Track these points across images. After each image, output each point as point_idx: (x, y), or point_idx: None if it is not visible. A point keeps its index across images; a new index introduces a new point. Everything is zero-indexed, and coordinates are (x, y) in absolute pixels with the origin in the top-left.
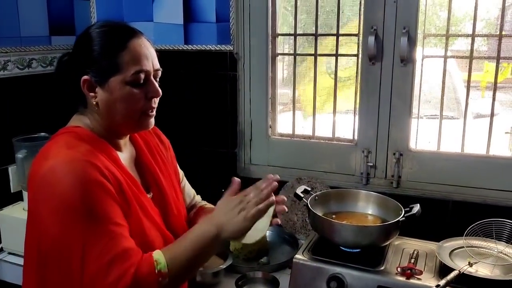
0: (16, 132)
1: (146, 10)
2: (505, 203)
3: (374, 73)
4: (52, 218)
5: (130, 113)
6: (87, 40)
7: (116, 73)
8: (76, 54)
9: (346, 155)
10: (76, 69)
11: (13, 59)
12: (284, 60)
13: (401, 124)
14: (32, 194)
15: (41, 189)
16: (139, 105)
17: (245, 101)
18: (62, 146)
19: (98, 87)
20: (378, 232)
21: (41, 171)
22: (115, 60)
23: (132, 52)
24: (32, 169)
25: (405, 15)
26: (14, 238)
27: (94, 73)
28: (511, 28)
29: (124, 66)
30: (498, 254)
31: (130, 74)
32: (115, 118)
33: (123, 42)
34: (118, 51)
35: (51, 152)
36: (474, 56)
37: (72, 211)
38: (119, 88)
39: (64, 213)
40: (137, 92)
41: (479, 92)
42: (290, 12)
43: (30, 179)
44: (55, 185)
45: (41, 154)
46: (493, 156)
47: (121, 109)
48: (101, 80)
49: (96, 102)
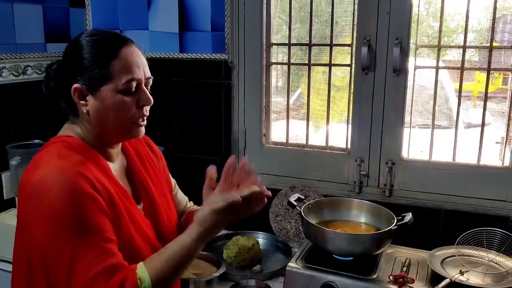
0: (10, 139)
1: (142, 19)
2: (495, 212)
3: (367, 83)
4: (41, 228)
5: (121, 121)
6: (77, 48)
7: (108, 82)
8: (66, 62)
9: (339, 163)
10: (66, 78)
11: (8, 66)
12: (281, 69)
13: (394, 134)
14: (22, 203)
15: (32, 198)
16: (130, 114)
17: (239, 109)
18: (53, 155)
19: (89, 95)
20: (371, 241)
21: (32, 180)
22: (107, 68)
23: (123, 61)
24: (23, 178)
25: (398, 26)
26: (7, 245)
27: (85, 81)
28: (502, 39)
29: (115, 75)
30: (489, 263)
31: (122, 83)
32: (106, 127)
33: (114, 51)
34: (110, 59)
35: (42, 161)
36: (465, 67)
37: (61, 221)
38: (111, 97)
39: (54, 223)
40: (128, 100)
41: (471, 102)
42: (285, 22)
43: (20, 188)
44: (45, 195)
45: (33, 164)
46: (484, 166)
47: (112, 117)
48: (92, 88)
49: (86, 110)
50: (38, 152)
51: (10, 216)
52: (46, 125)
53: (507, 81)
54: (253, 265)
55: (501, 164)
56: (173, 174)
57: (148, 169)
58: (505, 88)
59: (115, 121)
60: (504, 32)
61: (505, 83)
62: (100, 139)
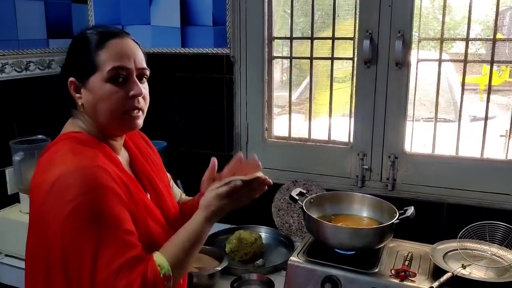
0: (13, 135)
1: (144, 14)
2: (499, 206)
3: (369, 77)
4: (62, 226)
5: (112, 112)
6: (73, 44)
7: (95, 72)
8: (66, 58)
9: (341, 158)
10: (65, 72)
11: (11, 62)
12: (287, 63)
13: (396, 127)
14: (38, 202)
15: (51, 197)
16: (120, 104)
17: (242, 104)
18: (67, 152)
19: (82, 88)
20: (373, 235)
21: (49, 178)
22: (93, 58)
23: (110, 51)
24: (37, 178)
25: (400, 19)
26: (12, 240)
27: (77, 74)
28: (508, 32)
29: (101, 64)
30: (491, 257)
31: (106, 71)
32: (100, 118)
33: (102, 42)
34: (96, 50)
35: (56, 159)
36: (469, 60)
37: (82, 217)
38: (99, 87)
39: (75, 220)
40: (117, 89)
41: (478, 95)
42: (289, 15)
43: (35, 188)
44: (66, 192)
45: (46, 162)
46: (487, 159)
47: (103, 108)
48: (83, 79)
49: (81, 103)
50: (47, 150)
51: (15, 211)
52: (49, 120)
53: None
54: (256, 259)
55: (505, 157)
56: (175, 168)
57: (149, 162)
58: (511, 81)
59: (106, 111)
60: (511, 24)
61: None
62: (101, 132)
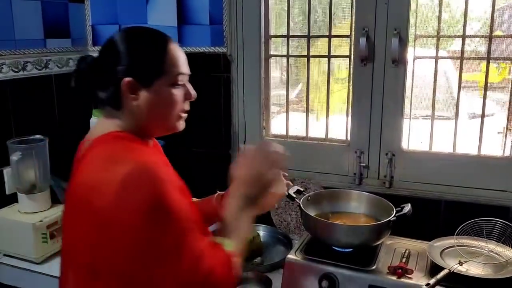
0: (10, 135)
1: (140, 13)
2: (497, 203)
3: (366, 74)
4: (141, 221)
5: (171, 114)
6: (127, 44)
7: (161, 76)
8: (113, 57)
9: (339, 155)
10: (113, 72)
11: (8, 62)
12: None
13: (393, 125)
14: (105, 201)
15: (123, 195)
16: (179, 107)
17: (239, 102)
18: (124, 150)
19: (142, 89)
20: (370, 232)
21: (116, 177)
22: (160, 63)
23: (172, 56)
24: (95, 177)
25: (396, 16)
26: (10, 239)
27: (138, 75)
28: (508, 29)
29: (167, 69)
30: (488, 253)
31: (173, 76)
32: (156, 119)
33: (165, 46)
34: (162, 54)
35: (116, 157)
36: (465, 57)
37: (161, 213)
38: (165, 91)
39: (154, 217)
40: (178, 94)
41: (478, 93)
42: (287, 13)
43: (95, 187)
44: (139, 189)
45: (102, 160)
46: (484, 156)
47: (163, 110)
48: (146, 82)
49: (137, 104)
50: (91, 149)
51: (13, 211)
52: (46, 120)
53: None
54: (254, 258)
55: (502, 154)
56: (173, 167)
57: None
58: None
59: (166, 114)
60: (510, 21)
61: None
62: (141, 132)
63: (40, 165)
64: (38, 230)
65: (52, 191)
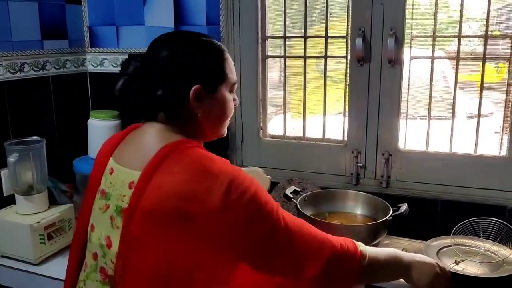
0: (7, 136)
1: (137, 14)
2: (493, 202)
3: (362, 75)
4: (256, 225)
5: (226, 120)
6: (201, 51)
7: (223, 82)
8: (178, 64)
9: (336, 156)
10: (179, 81)
11: (5, 64)
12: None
13: (390, 125)
14: (209, 212)
15: (232, 204)
16: (232, 112)
17: None
18: (210, 158)
19: (206, 95)
20: (366, 231)
21: (217, 187)
22: (222, 68)
23: (229, 64)
24: (189, 188)
25: (392, 16)
26: (8, 241)
27: (205, 81)
28: (506, 29)
29: (227, 75)
30: (485, 252)
31: (231, 83)
32: (212, 126)
33: (223, 53)
34: (223, 61)
35: (207, 167)
36: (461, 57)
37: (277, 212)
38: (224, 96)
39: (269, 212)
40: (232, 99)
41: (476, 93)
42: (283, 14)
43: (192, 198)
44: (244, 195)
45: (191, 171)
46: (481, 156)
47: (221, 116)
48: (212, 88)
49: (200, 111)
50: (164, 159)
51: (10, 212)
52: (43, 121)
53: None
54: None
55: (498, 153)
56: None
57: None
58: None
59: (223, 119)
60: (508, 21)
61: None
62: (198, 139)
63: (38, 166)
64: (35, 231)
65: (50, 192)
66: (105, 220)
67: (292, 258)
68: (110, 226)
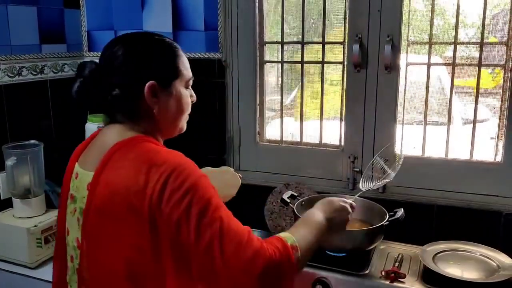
0: (5, 140)
1: (136, 19)
2: (488, 207)
3: (359, 80)
4: (202, 224)
5: (184, 115)
6: (154, 48)
7: (177, 77)
8: (131, 63)
9: (333, 160)
10: (134, 78)
11: (3, 67)
12: (280, 67)
13: (387, 130)
14: (150, 201)
15: (171, 192)
16: (189, 108)
17: (234, 108)
18: (156, 151)
19: (161, 91)
20: (363, 236)
21: (158, 177)
22: (176, 64)
23: (182, 59)
24: (132, 180)
25: (389, 23)
26: (4, 244)
27: (159, 77)
28: (501, 35)
29: (181, 71)
30: (480, 257)
31: (186, 79)
32: (171, 122)
33: (176, 50)
34: (176, 57)
35: (152, 159)
36: (457, 63)
37: (216, 209)
38: (180, 91)
39: (204, 208)
40: (188, 95)
41: (472, 98)
42: (281, 19)
43: (137, 191)
44: (184, 183)
45: (135, 163)
46: (477, 161)
47: (178, 112)
48: (166, 83)
49: (156, 107)
50: (113, 153)
51: (7, 216)
52: (41, 125)
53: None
54: None
55: (494, 159)
56: None
57: None
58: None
59: (180, 115)
60: (504, 27)
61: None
62: (157, 135)
63: (35, 170)
64: (32, 235)
65: (47, 196)
66: (75, 223)
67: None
68: (78, 227)
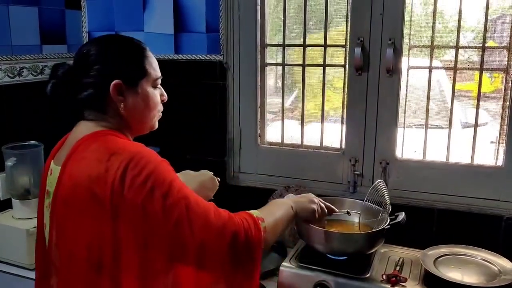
0: (5, 140)
1: (137, 20)
2: (489, 211)
3: (360, 84)
4: (168, 205)
5: (152, 114)
6: (108, 49)
7: (144, 77)
8: (98, 62)
9: (333, 163)
10: (102, 76)
11: (4, 68)
12: (279, 69)
13: (387, 134)
14: (111, 190)
15: (130, 179)
16: (159, 107)
17: (234, 110)
18: (119, 143)
19: (127, 90)
20: (364, 240)
21: (118, 165)
22: (143, 64)
23: (150, 60)
24: (94, 169)
25: (391, 26)
26: (3, 245)
27: (125, 77)
28: (500, 39)
29: (148, 71)
30: (481, 262)
31: (154, 78)
32: (139, 120)
33: (144, 51)
34: (143, 57)
35: (113, 149)
36: (458, 67)
37: (179, 189)
38: (147, 90)
39: (168, 191)
40: (157, 94)
41: (471, 102)
42: (283, 22)
43: (98, 178)
44: (143, 170)
45: (98, 154)
46: (477, 165)
47: (147, 110)
48: (132, 83)
49: (123, 105)
50: (78, 146)
51: (7, 217)
52: (41, 126)
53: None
54: None
55: (494, 163)
56: None
57: None
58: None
59: (148, 113)
60: (503, 32)
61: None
62: (126, 132)
63: (35, 171)
64: (31, 236)
65: None
66: (49, 216)
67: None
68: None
